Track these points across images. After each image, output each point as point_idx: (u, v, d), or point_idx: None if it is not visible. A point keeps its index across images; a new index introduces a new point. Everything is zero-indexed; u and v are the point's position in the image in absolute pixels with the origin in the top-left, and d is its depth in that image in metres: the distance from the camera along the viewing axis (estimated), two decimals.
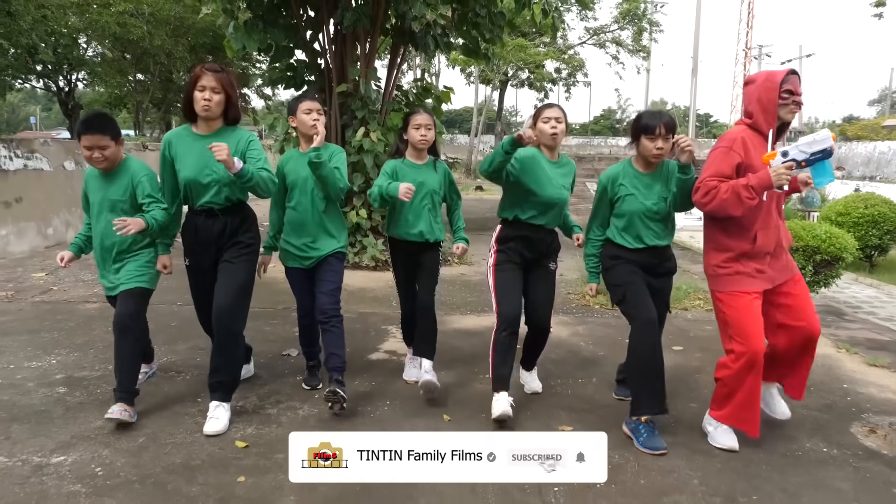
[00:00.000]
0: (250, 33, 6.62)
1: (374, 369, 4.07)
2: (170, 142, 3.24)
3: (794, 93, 2.85)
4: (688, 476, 2.77)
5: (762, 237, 2.92)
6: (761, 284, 2.96)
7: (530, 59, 26.57)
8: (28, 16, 15.48)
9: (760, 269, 2.96)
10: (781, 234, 3.02)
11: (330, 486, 2.56)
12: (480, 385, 3.79)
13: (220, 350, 3.20)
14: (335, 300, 3.44)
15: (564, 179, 3.44)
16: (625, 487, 2.67)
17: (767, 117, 2.88)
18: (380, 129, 7.16)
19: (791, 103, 2.86)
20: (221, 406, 3.17)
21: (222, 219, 3.23)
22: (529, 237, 3.38)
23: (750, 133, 2.93)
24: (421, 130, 3.52)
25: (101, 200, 3.22)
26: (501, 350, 3.28)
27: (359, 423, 3.25)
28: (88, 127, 3.09)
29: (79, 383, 3.69)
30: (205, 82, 3.08)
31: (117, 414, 3.02)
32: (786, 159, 2.73)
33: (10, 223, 7.72)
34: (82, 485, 2.61)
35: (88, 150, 3.10)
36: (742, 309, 2.93)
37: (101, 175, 3.23)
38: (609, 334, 4.91)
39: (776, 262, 3.00)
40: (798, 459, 2.97)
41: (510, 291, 3.35)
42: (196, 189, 3.20)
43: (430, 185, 3.57)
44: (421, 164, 3.61)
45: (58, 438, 3.00)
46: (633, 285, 3.22)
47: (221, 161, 2.92)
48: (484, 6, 7.25)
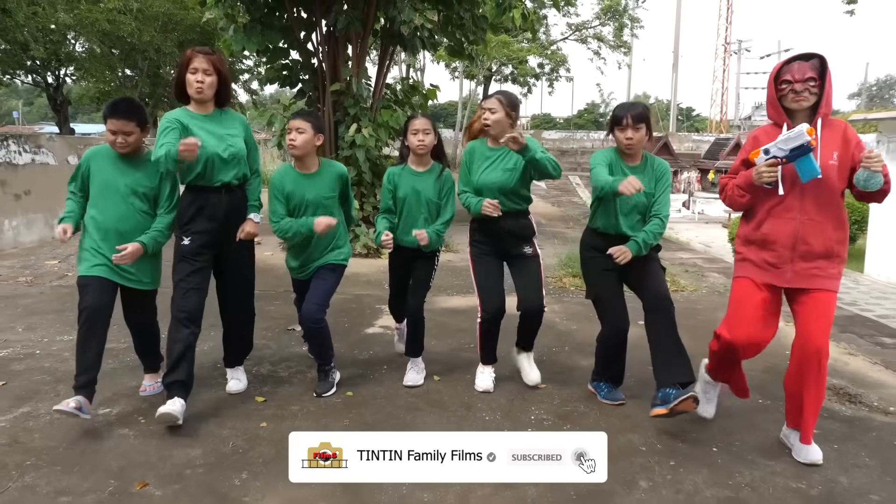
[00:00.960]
0: (249, 36, 7.07)
1: (371, 341, 4.57)
2: (179, 119, 3.13)
3: (792, 81, 2.76)
4: (641, 419, 3.29)
5: (770, 226, 2.83)
6: (769, 278, 2.86)
7: (513, 55, 27.07)
8: (20, 12, 15.76)
9: (773, 263, 2.84)
10: (811, 232, 2.77)
11: (345, 424, 3.05)
12: (465, 353, 4.29)
13: (237, 332, 3.60)
14: (322, 308, 3.45)
15: (506, 163, 3.46)
16: (588, 428, 3.18)
17: (776, 112, 2.86)
18: (371, 125, 7.64)
19: (789, 92, 2.76)
20: (239, 369, 3.66)
21: (236, 195, 3.29)
22: (490, 227, 3.51)
23: (769, 128, 2.92)
24: (419, 135, 3.51)
25: (121, 185, 3.16)
26: (487, 338, 3.65)
27: (360, 383, 3.74)
28: (115, 111, 3.09)
29: (108, 353, 4.08)
30: (197, 64, 3.10)
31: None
32: (767, 157, 2.75)
33: (20, 214, 8.12)
34: (129, 429, 3.10)
35: (113, 135, 3.10)
36: (739, 295, 2.92)
37: (118, 158, 3.19)
38: (581, 311, 5.43)
39: (801, 264, 2.80)
40: (738, 408, 3.48)
41: (489, 282, 3.56)
42: (217, 165, 3.18)
43: (427, 193, 3.58)
44: (422, 171, 3.62)
45: (100, 396, 3.43)
46: (606, 291, 3.38)
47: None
48: (467, 10, 7.76)
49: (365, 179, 7.76)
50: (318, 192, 3.44)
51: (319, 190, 3.44)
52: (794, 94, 2.75)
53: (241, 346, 3.68)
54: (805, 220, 2.77)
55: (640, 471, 2.79)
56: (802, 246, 2.78)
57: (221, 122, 3.25)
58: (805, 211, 2.77)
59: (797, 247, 2.78)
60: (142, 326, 3.48)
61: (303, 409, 3.38)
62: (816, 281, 2.80)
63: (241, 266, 3.47)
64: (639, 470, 2.80)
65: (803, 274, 2.80)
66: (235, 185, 3.28)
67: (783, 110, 2.83)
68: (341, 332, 4.61)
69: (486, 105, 3.48)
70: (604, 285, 3.38)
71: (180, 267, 3.23)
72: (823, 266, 2.80)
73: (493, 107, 3.43)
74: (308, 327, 3.50)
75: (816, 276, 2.80)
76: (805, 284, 2.81)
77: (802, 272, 2.80)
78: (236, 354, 3.66)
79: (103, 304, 3.10)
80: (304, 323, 3.51)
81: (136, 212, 3.18)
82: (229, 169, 3.22)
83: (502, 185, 3.44)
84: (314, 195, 3.43)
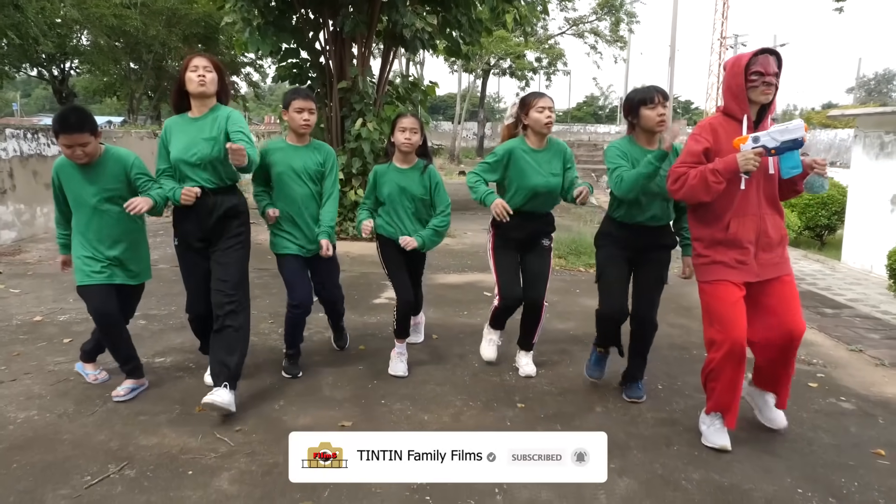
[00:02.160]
0: (263, 38, 7.73)
1: (379, 309, 5.26)
2: (168, 128, 3.31)
3: (763, 73, 2.71)
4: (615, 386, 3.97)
5: (737, 225, 2.83)
6: (742, 276, 2.86)
7: (511, 50, 27.64)
8: (31, 7, 16.32)
9: (741, 260, 2.85)
10: (769, 225, 2.86)
11: (360, 370, 3.72)
12: (460, 319, 4.98)
13: (224, 339, 3.23)
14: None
15: (551, 166, 3.55)
16: (560, 377, 3.87)
17: (739, 103, 2.79)
18: (375, 119, 8.31)
19: (761, 84, 2.71)
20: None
21: (212, 198, 3.26)
22: (521, 223, 3.53)
23: (723, 119, 2.87)
24: (406, 133, 3.55)
25: (89, 196, 3.16)
26: (500, 317, 3.85)
27: (371, 340, 4.43)
28: (66, 126, 2.99)
29: (154, 318, 4.83)
30: (197, 63, 3.18)
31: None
32: (756, 145, 2.69)
33: (50, 202, 8.74)
34: (183, 372, 3.78)
35: (69, 149, 3.02)
36: (721, 298, 2.86)
37: (82, 169, 3.16)
38: (563, 287, 6.11)
39: (764, 256, 2.88)
40: (681, 359, 4.18)
41: (510, 273, 3.64)
42: (184, 168, 3.23)
43: (413, 190, 3.64)
44: (406, 168, 3.67)
45: (154, 349, 4.14)
46: (610, 273, 3.38)
47: (238, 162, 3.03)
48: (464, 14, 8.41)
49: (369, 170, 8.41)
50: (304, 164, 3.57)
51: (305, 161, 3.58)
52: (765, 86, 2.72)
53: (227, 359, 3.22)
54: (763, 213, 2.85)
55: (598, 401, 3.49)
56: (764, 238, 2.86)
57: (209, 125, 3.22)
58: (761, 205, 2.85)
59: (760, 240, 2.85)
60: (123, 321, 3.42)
61: (324, 358, 4.06)
62: (780, 268, 2.91)
63: (228, 249, 3.34)
64: (596, 401, 3.50)
65: (768, 265, 2.88)
66: (212, 188, 3.24)
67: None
68: (352, 302, 5.26)
69: (545, 104, 3.50)
70: (609, 268, 3.40)
71: (181, 267, 3.48)
72: (780, 252, 2.91)
73: (552, 105, 3.52)
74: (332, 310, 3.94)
75: (778, 264, 2.90)
76: (772, 275, 2.89)
77: (767, 263, 2.88)
78: (220, 371, 3.22)
79: (108, 311, 3.24)
80: (329, 307, 3.90)
81: (113, 216, 3.21)
82: (201, 173, 3.23)
83: (551, 189, 3.55)
84: (301, 165, 3.56)
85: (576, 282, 6.41)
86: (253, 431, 3.05)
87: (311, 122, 3.54)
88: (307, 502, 2.48)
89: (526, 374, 3.81)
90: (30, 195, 8.32)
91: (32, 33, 16.25)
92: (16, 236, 8.01)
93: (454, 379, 3.77)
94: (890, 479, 2.76)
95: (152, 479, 2.62)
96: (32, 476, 2.62)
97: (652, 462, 2.85)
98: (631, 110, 3.25)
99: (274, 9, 8.04)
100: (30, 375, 3.68)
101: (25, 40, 16.43)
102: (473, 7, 8.60)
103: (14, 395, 3.40)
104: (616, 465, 2.77)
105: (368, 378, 3.75)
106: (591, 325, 3.58)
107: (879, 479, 2.75)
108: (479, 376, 3.81)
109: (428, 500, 2.52)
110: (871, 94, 60.33)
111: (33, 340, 4.29)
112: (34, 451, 2.81)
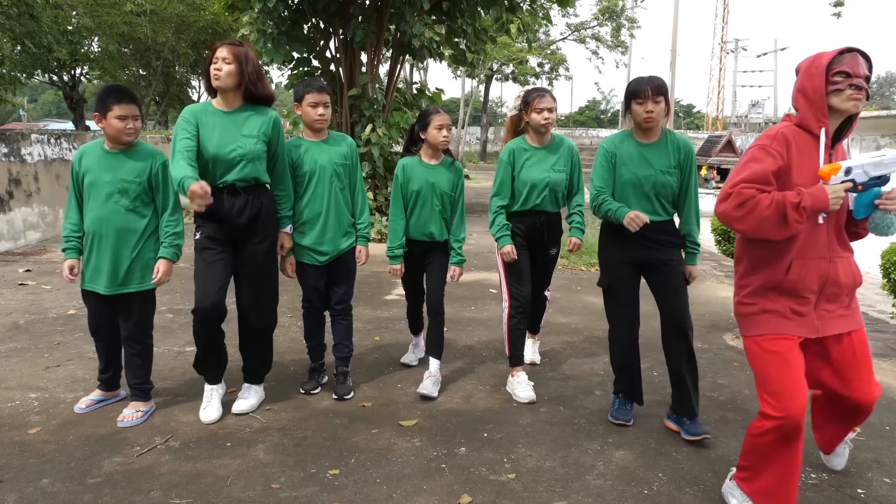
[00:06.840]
0: (277, 48, 8.06)
1: (391, 304, 5.55)
2: (195, 116, 3.09)
3: (851, 74, 2.15)
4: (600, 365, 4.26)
5: (800, 268, 2.27)
6: (798, 329, 2.31)
7: (514, 56, 28.00)
8: (45, 17, 16.72)
9: (798, 311, 2.30)
10: (840, 271, 2.30)
11: (375, 358, 4.02)
12: (468, 314, 5.28)
13: (251, 344, 3.40)
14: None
15: (552, 161, 3.53)
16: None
17: (816, 112, 2.22)
18: (384, 125, 8.63)
19: (847, 88, 2.15)
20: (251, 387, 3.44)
21: (244, 197, 3.13)
22: (527, 220, 3.56)
23: (795, 131, 2.28)
24: (444, 131, 3.48)
25: (104, 183, 3.02)
26: (515, 336, 3.59)
27: (385, 332, 4.71)
28: (124, 96, 3.00)
29: (179, 311, 5.13)
30: (219, 54, 3.04)
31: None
32: (847, 178, 2.16)
33: None
34: None
35: (123, 121, 2.96)
36: (773, 359, 2.28)
37: (104, 155, 3.06)
38: (565, 284, 6.40)
39: (827, 307, 2.33)
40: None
41: (522, 275, 3.58)
42: (220, 165, 3.08)
43: (442, 186, 3.55)
44: (435, 164, 3.58)
45: (182, 339, 4.44)
46: (619, 283, 3.17)
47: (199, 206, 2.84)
48: (469, 23, 8.74)
49: (379, 173, 8.75)
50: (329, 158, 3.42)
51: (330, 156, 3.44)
52: (853, 89, 2.16)
53: (257, 363, 3.46)
54: (834, 256, 2.30)
55: (597, 386, 3.79)
56: (831, 288, 2.31)
57: (243, 120, 3.13)
58: (832, 246, 2.31)
59: (825, 289, 2.31)
60: (132, 333, 3.23)
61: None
62: (848, 322, 2.36)
63: (258, 260, 3.25)
64: (595, 385, 3.80)
65: (830, 318, 2.33)
66: (242, 186, 3.12)
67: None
68: (364, 299, 5.58)
69: (544, 105, 3.45)
70: (618, 277, 3.18)
71: (196, 262, 3.20)
72: (847, 303, 2.37)
73: (553, 106, 3.46)
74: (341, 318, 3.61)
75: (844, 316, 2.35)
76: (836, 330, 2.34)
77: (830, 317, 2.33)
78: (251, 368, 3.46)
79: (100, 325, 3.24)
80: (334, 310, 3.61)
81: (120, 210, 3.05)
82: (234, 170, 3.09)
83: (552, 184, 3.53)
84: (326, 160, 3.41)
85: (577, 280, 6.72)
86: (282, 411, 3.35)
87: (327, 117, 3.37)
88: (335, 469, 2.78)
89: (531, 360, 4.03)
90: (53, 198, 8.65)
91: (46, 41, 16.65)
92: (40, 237, 8.35)
93: (464, 366, 4.06)
94: (861, 454, 3.03)
95: (195, 450, 2.92)
96: (88, 447, 2.92)
97: (646, 437, 3.13)
98: (626, 102, 3.11)
99: (286, 19, 8.37)
100: (72, 362, 3.99)
101: (39, 48, 16.83)
102: (478, 17, 8.93)
103: (61, 379, 3.70)
104: (613, 440, 3.08)
105: (385, 365, 4.05)
106: (592, 318, 3.85)
107: (854, 452, 3.03)
108: (488, 364, 4.11)
109: (444, 468, 2.81)
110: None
111: (71, 331, 4.60)
112: (86, 426, 3.12)
